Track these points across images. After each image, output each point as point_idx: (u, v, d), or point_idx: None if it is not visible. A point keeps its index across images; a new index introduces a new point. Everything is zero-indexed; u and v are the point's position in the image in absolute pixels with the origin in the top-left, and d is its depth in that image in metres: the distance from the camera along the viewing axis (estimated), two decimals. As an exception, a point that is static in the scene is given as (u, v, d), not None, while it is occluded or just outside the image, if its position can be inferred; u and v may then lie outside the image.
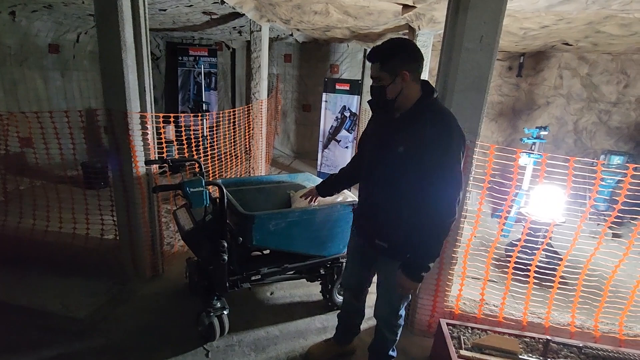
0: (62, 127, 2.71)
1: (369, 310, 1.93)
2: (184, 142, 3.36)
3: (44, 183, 3.86)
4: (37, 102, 5.37)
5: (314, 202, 2.08)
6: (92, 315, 2.30)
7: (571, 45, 4.88)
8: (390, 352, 1.83)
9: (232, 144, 4.43)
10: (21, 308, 2.33)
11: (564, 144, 5.94)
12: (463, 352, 1.75)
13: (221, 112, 4.20)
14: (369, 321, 2.18)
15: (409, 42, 1.45)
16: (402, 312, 1.70)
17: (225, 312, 2.13)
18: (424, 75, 4.53)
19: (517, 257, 2.20)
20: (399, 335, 1.77)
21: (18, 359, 1.96)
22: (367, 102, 1.56)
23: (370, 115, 1.70)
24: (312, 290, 2.69)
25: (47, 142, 2.71)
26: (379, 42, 1.52)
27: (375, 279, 1.78)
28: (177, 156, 3.86)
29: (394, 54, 1.38)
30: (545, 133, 4.08)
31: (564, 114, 5.92)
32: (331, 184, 1.95)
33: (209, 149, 3.94)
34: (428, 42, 4.35)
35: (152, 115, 2.46)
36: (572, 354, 1.81)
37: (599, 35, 4.11)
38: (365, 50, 6.50)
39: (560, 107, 5.91)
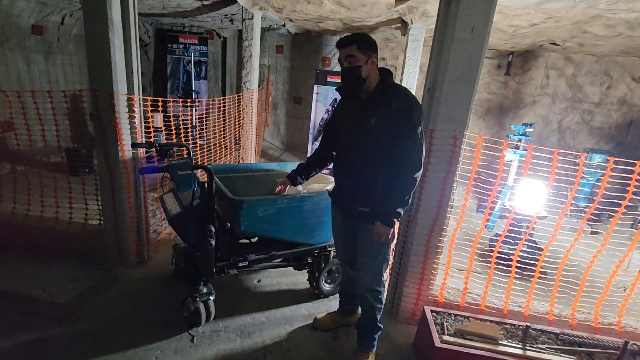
0: (45, 111, 2.63)
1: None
2: (173, 130, 3.30)
3: (26, 169, 3.75)
4: (18, 85, 5.19)
5: (285, 190, 2.17)
6: (74, 300, 2.27)
7: (558, 45, 4.98)
8: (379, 324, 1.90)
9: (222, 133, 4.38)
10: (1, 292, 2.27)
11: (548, 142, 6.08)
12: (445, 338, 1.79)
13: (211, 99, 4.14)
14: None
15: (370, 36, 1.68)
16: (385, 276, 1.86)
17: (211, 298, 2.12)
18: (415, 69, 4.56)
19: (500, 249, 2.26)
20: (383, 303, 1.91)
21: (-4, 342, 1.92)
22: (338, 88, 1.81)
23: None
24: (299, 279, 2.70)
25: (30, 127, 2.63)
26: (372, 36, 1.71)
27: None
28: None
29: (368, 41, 1.64)
30: (531, 130, 4.17)
31: (549, 113, 6.05)
32: (301, 171, 2.12)
33: (197, 138, 3.89)
34: (420, 36, 4.38)
35: (139, 98, 2.41)
36: (549, 340, 1.87)
37: (585, 36, 4.21)
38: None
39: (546, 106, 6.04)
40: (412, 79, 4.59)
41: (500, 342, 1.79)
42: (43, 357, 1.85)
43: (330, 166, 2.06)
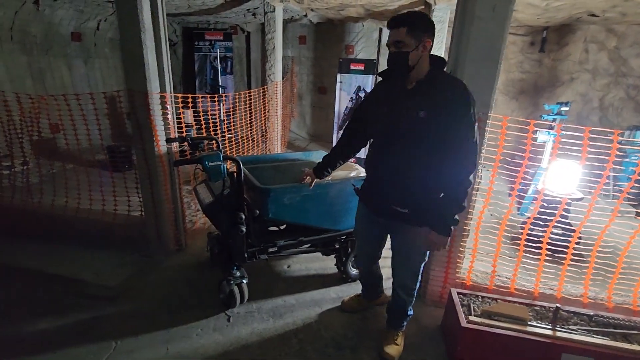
0: (87, 112, 2.85)
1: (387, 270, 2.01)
2: (202, 125, 3.47)
3: (74, 167, 4.08)
4: (62, 89, 5.59)
5: (311, 185, 2.11)
6: (122, 283, 2.49)
7: (598, 16, 4.64)
8: (409, 312, 1.94)
9: (249, 126, 4.52)
10: (58, 276, 2.54)
11: (588, 121, 5.72)
12: (472, 318, 1.81)
13: (237, 94, 4.28)
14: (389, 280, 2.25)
15: (427, 15, 1.50)
16: (421, 272, 1.81)
17: (244, 281, 2.26)
18: (440, 52, 4.44)
19: (531, 231, 2.21)
20: (415, 296, 1.90)
21: (58, 320, 2.16)
22: (381, 72, 1.63)
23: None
24: (327, 264, 2.78)
25: (75, 127, 2.87)
26: None
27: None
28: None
29: (422, 22, 1.45)
30: (567, 109, 3.95)
31: (588, 90, 5.68)
32: (327, 164, 2.02)
33: (226, 132, 4.04)
34: (444, 17, 4.25)
35: (171, 96, 2.56)
36: (581, 322, 1.83)
37: (627, 4, 3.90)
38: (380, 29, 6.38)
39: (585, 83, 5.67)
40: (437, 62, 4.47)
41: (528, 322, 1.78)
42: (99, 333, 2.06)
43: (356, 155, 2.02)
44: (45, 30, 5.20)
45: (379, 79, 1.72)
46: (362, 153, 2.06)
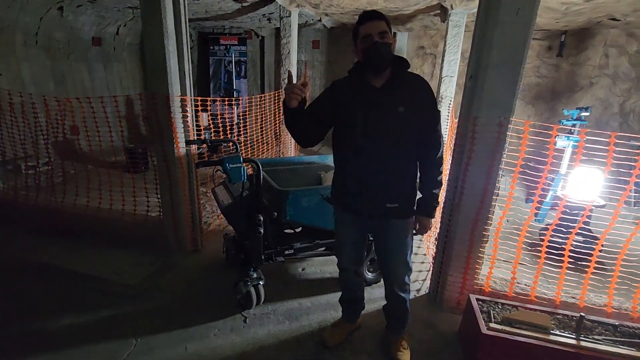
0: (105, 115, 2.93)
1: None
2: (220, 128, 3.52)
3: (93, 167, 4.19)
4: (83, 93, 5.75)
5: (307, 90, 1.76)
6: (141, 282, 2.53)
7: (619, 20, 4.56)
8: (408, 306, 1.91)
9: (262, 129, 4.57)
10: (80, 274, 2.60)
11: (608, 127, 5.60)
12: (492, 325, 1.78)
13: (252, 97, 4.33)
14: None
15: None
16: (412, 263, 1.82)
17: (261, 283, 2.27)
18: (456, 56, 4.42)
19: (552, 239, 2.17)
20: (410, 286, 1.89)
21: (80, 317, 2.21)
22: (370, 63, 1.51)
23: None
24: (342, 268, 2.77)
25: (97, 129, 2.95)
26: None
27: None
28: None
29: (389, 21, 1.54)
30: (587, 114, 3.88)
31: (609, 96, 5.56)
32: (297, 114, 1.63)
33: (241, 135, 4.09)
34: (461, 22, 4.24)
35: (191, 99, 2.61)
36: (606, 332, 1.78)
37: (650, 8, 3.82)
38: (395, 33, 6.38)
39: (605, 88, 5.56)
40: (453, 66, 4.46)
41: (551, 331, 1.74)
42: (120, 330, 2.10)
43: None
44: (68, 35, 5.36)
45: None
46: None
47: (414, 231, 1.77)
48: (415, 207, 1.71)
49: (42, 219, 3.16)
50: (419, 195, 1.74)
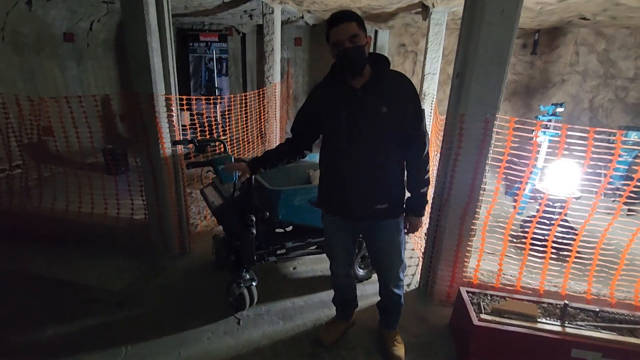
0: (83, 114, 2.80)
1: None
2: (205, 127, 3.45)
3: (71, 170, 4.02)
4: (54, 92, 5.49)
5: (244, 178, 1.78)
6: (127, 288, 2.46)
7: (588, 19, 4.77)
8: (402, 301, 1.92)
9: (246, 128, 4.50)
10: (62, 282, 2.50)
11: (579, 122, 5.87)
12: (483, 316, 1.84)
13: (233, 95, 4.26)
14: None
15: None
16: (405, 259, 1.83)
17: (254, 284, 2.25)
18: (438, 54, 4.50)
19: (534, 232, 2.26)
20: (404, 281, 1.90)
21: (64, 327, 2.12)
22: (341, 68, 1.51)
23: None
24: (332, 265, 2.79)
25: (71, 129, 2.82)
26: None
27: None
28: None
29: (361, 18, 1.47)
30: (562, 110, 4.05)
31: (579, 92, 5.83)
32: (265, 160, 1.76)
33: (227, 134, 4.02)
34: (442, 20, 4.32)
35: (176, 98, 2.54)
36: (588, 318, 1.88)
37: (618, 8, 4.03)
38: (376, 31, 6.43)
39: (576, 85, 5.82)
40: (435, 64, 4.54)
41: (538, 319, 1.82)
42: (108, 339, 2.03)
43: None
44: (37, 30, 5.09)
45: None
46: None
47: (405, 230, 1.77)
48: (404, 206, 1.72)
49: (18, 225, 3.00)
50: (408, 194, 1.74)
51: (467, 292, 2.07)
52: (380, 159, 1.57)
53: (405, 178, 1.71)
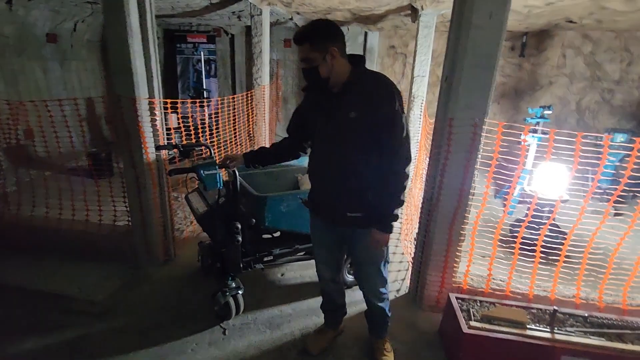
0: (67, 117, 2.72)
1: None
2: (191, 130, 3.38)
3: (52, 174, 3.89)
4: (37, 93, 5.33)
5: (231, 166, 1.89)
6: (109, 298, 2.38)
7: (575, 23, 4.83)
8: (388, 312, 1.89)
9: (234, 131, 4.43)
10: (40, 292, 2.40)
11: (567, 124, 5.94)
12: (473, 324, 1.82)
13: (220, 97, 4.19)
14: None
15: (330, 21, 1.48)
16: (387, 274, 1.77)
17: (240, 292, 2.19)
18: (427, 56, 4.50)
19: (523, 235, 2.25)
20: (388, 297, 1.86)
21: (43, 340, 2.03)
22: (303, 88, 1.60)
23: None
24: (322, 271, 2.74)
25: (51, 133, 2.73)
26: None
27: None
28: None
29: (320, 33, 1.42)
30: (549, 112, 4.07)
31: (566, 94, 5.90)
32: (259, 156, 1.85)
33: (214, 137, 3.95)
34: (431, 22, 4.31)
35: (160, 101, 2.47)
36: (577, 323, 1.87)
37: (603, 12, 4.07)
38: (366, 33, 6.42)
39: (563, 87, 5.89)
40: (424, 66, 4.54)
41: (527, 326, 1.80)
42: (86, 352, 1.95)
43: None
44: (18, 31, 4.95)
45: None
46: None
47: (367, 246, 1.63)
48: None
49: (-5, 233, 2.89)
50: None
51: (457, 298, 2.05)
52: (351, 165, 1.52)
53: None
